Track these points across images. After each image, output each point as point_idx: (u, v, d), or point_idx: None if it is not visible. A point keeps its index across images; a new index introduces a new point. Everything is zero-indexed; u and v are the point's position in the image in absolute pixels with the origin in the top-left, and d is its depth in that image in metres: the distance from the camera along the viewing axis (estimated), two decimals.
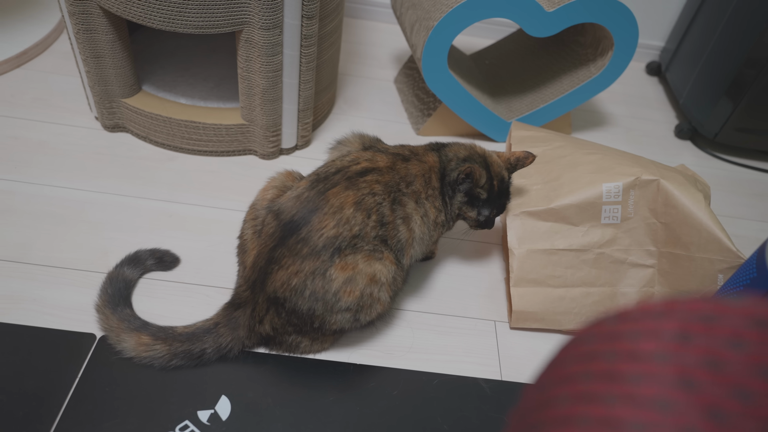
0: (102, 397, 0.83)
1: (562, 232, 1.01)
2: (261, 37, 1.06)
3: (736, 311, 0.28)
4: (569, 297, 1.01)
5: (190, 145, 1.23)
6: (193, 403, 0.84)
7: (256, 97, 1.16)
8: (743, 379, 0.26)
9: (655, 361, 0.28)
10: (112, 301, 0.90)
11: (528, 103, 1.42)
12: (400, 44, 1.74)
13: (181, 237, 1.07)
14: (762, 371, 0.26)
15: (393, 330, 0.99)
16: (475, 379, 0.94)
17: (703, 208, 0.96)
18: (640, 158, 1.07)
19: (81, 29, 1.09)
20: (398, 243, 0.88)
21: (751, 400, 0.26)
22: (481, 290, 1.08)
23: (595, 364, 0.30)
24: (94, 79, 1.17)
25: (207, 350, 0.87)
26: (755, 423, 0.25)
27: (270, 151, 1.26)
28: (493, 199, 0.96)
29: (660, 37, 1.82)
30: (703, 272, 0.96)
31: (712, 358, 0.27)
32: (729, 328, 0.28)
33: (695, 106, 1.55)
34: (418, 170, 0.91)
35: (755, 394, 0.26)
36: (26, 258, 0.99)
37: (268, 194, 0.92)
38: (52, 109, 1.29)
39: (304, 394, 0.88)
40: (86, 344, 0.88)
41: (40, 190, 1.11)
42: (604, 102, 1.66)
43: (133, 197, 1.13)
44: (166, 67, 1.34)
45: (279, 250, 0.83)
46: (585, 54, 1.39)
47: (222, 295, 0.96)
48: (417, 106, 1.46)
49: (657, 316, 0.30)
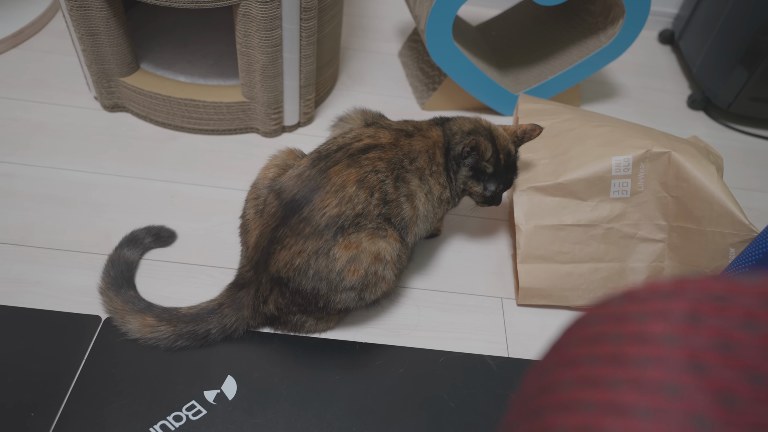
0: (109, 378, 0.83)
1: (570, 207, 0.99)
2: (259, 10, 1.03)
3: (749, 290, 0.27)
4: (577, 273, 0.99)
5: (191, 124, 1.21)
6: (200, 383, 0.84)
7: (256, 73, 1.14)
8: (756, 361, 0.25)
9: (664, 344, 0.27)
10: (116, 283, 0.90)
11: (536, 75, 1.39)
12: (404, 16, 1.70)
13: (183, 218, 1.06)
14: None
15: (399, 308, 0.98)
16: (481, 356, 0.93)
17: (715, 180, 0.93)
18: (650, 130, 1.04)
19: (74, 5, 1.06)
20: (402, 221, 0.86)
21: (764, 383, 0.25)
22: (488, 267, 1.07)
23: (601, 347, 0.29)
24: (90, 58, 1.15)
25: (212, 331, 0.87)
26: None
27: (272, 128, 1.24)
28: (499, 173, 0.94)
29: (673, 3, 1.76)
30: (714, 246, 0.94)
31: (723, 340, 0.26)
32: (742, 309, 0.27)
33: (709, 75, 1.50)
34: (421, 146, 0.89)
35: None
36: (29, 241, 0.99)
37: (270, 173, 0.90)
38: (51, 90, 1.27)
39: (310, 373, 0.88)
40: (91, 326, 0.88)
41: (40, 172, 1.10)
42: (615, 73, 1.62)
43: (135, 178, 1.12)
44: (164, 45, 1.31)
45: (281, 230, 0.82)
46: (595, 23, 1.35)
47: (226, 275, 0.96)
48: (422, 80, 1.43)
49: (666, 296, 0.29)
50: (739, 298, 0.27)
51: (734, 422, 0.24)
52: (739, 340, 0.26)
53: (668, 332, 0.27)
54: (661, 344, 0.27)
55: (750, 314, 0.26)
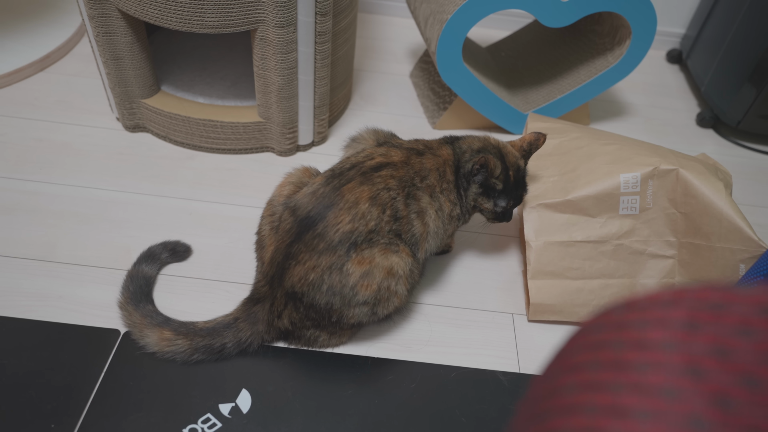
0: (127, 390, 0.85)
1: (579, 223, 1.00)
2: (275, 35, 1.07)
3: (745, 299, 0.28)
4: (587, 289, 1.00)
5: (209, 143, 1.25)
6: (215, 396, 0.86)
7: (272, 94, 1.17)
8: (751, 366, 0.26)
9: (663, 350, 0.28)
10: (135, 297, 0.92)
11: (545, 94, 1.41)
12: (415, 38, 1.74)
13: (201, 234, 1.09)
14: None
15: (411, 323, 1.00)
16: (493, 371, 0.94)
17: (723, 197, 0.94)
18: (658, 148, 1.05)
19: (100, 32, 1.11)
20: (412, 237, 0.88)
21: (759, 387, 0.26)
22: (499, 283, 1.08)
23: (603, 353, 0.30)
24: (114, 81, 1.19)
25: (227, 345, 0.88)
26: (763, 410, 0.25)
27: (287, 147, 1.27)
28: (509, 190, 0.95)
29: (680, 23, 1.78)
30: (724, 262, 0.95)
31: (719, 347, 0.27)
32: (737, 316, 0.28)
33: (717, 93, 1.51)
34: (432, 164, 0.91)
35: (763, 381, 0.26)
36: (52, 257, 1.02)
37: (285, 190, 0.93)
38: (75, 111, 1.32)
39: (323, 387, 0.89)
40: (111, 340, 0.91)
41: (64, 190, 1.14)
42: (624, 91, 1.64)
43: (154, 196, 1.15)
44: (184, 67, 1.36)
45: (296, 246, 0.84)
46: (602, 43, 1.37)
47: (241, 290, 0.98)
48: (433, 99, 1.46)
49: (665, 305, 0.30)
50: (734, 306, 0.28)
51: (730, 424, 0.25)
52: (735, 346, 0.27)
53: (667, 339, 0.28)
54: (660, 350, 0.28)
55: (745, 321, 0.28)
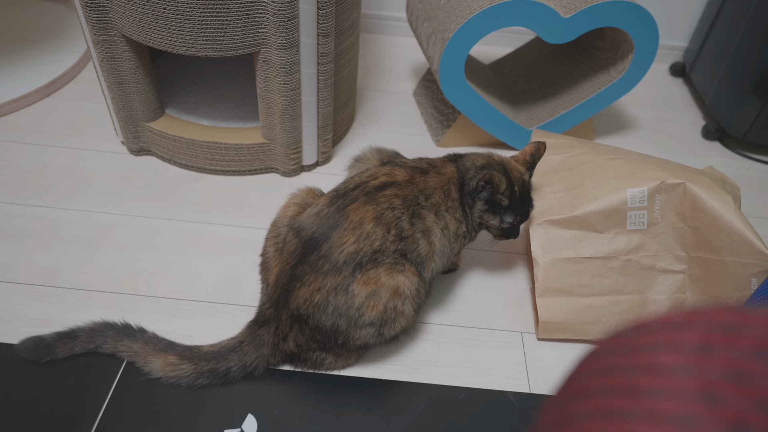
0: (131, 417, 0.84)
1: (586, 239, 0.99)
2: (278, 56, 1.08)
3: (760, 320, 0.27)
4: (597, 306, 0.99)
5: (213, 165, 1.25)
6: (220, 422, 0.85)
7: (276, 115, 1.18)
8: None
9: (676, 375, 0.27)
10: (124, 332, 0.89)
11: (549, 110, 1.41)
12: (418, 57, 1.75)
13: (205, 256, 1.08)
14: None
15: (418, 344, 0.98)
16: (503, 392, 0.92)
17: (732, 210, 0.93)
18: (665, 161, 1.04)
19: (105, 57, 1.12)
20: (418, 256, 0.87)
21: None
22: (507, 301, 1.07)
23: (614, 379, 0.29)
24: (119, 105, 1.20)
25: (232, 368, 0.87)
26: None
27: (291, 168, 1.27)
28: (515, 205, 0.95)
29: (683, 37, 1.79)
30: (735, 276, 0.93)
31: (735, 371, 0.26)
32: (752, 338, 0.27)
33: (722, 105, 1.51)
34: (436, 182, 0.91)
35: None
36: (57, 282, 1.01)
37: (289, 211, 0.92)
38: (80, 136, 1.33)
39: (330, 410, 0.87)
40: (114, 366, 0.90)
41: (69, 215, 1.14)
42: (628, 106, 1.63)
43: (159, 219, 1.15)
44: (188, 90, 1.37)
45: (300, 267, 0.84)
46: (605, 58, 1.37)
47: (247, 313, 0.97)
48: (436, 117, 1.46)
49: (677, 328, 0.29)
50: (749, 328, 0.27)
51: None
52: (752, 370, 0.26)
53: (680, 363, 0.28)
54: (673, 375, 0.27)
55: (761, 344, 0.27)
